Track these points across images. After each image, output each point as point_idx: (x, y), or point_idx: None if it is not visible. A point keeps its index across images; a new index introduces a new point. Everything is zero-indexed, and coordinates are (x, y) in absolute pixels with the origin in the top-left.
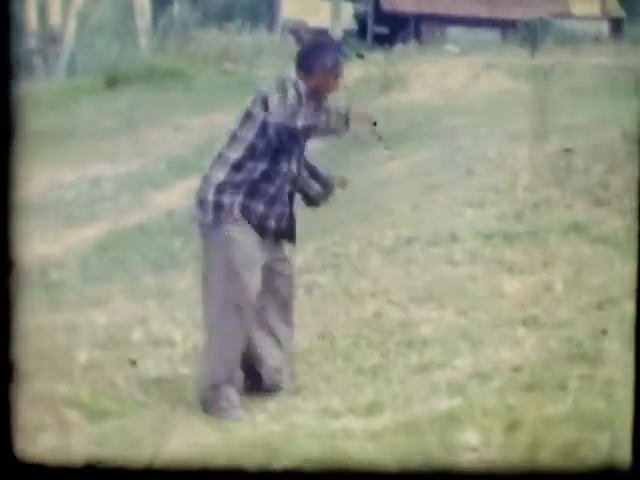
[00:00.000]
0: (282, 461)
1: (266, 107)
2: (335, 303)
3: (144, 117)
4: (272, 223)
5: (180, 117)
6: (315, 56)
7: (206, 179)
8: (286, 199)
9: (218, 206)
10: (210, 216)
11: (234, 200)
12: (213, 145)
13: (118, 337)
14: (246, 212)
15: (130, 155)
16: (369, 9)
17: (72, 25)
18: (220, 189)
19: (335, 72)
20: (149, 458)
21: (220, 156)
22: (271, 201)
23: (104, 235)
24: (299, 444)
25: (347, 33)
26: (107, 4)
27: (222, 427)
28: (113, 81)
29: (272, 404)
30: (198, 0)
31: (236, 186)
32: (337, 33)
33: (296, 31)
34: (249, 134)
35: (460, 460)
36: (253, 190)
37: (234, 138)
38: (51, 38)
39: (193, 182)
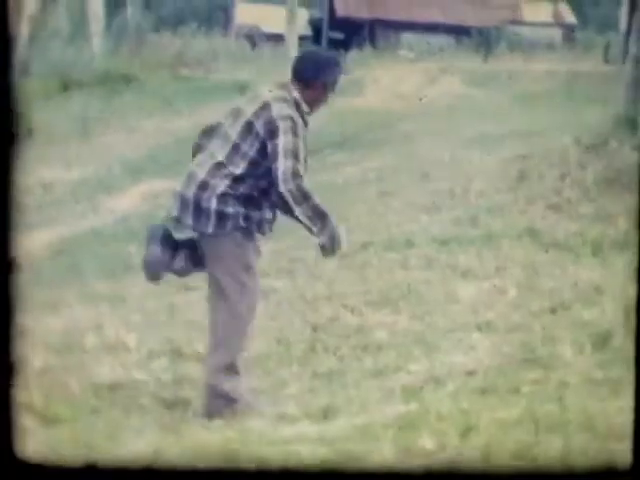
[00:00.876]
0: (237, 466)
1: (272, 138)
2: (291, 308)
3: (98, 121)
4: (267, 229)
5: (134, 121)
6: (318, 70)
7: (202, 185)
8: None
9: (222, 216)
10: (212, 224)
11: (238, 211)
12: (167, 149)
13: (72, 342)
14: (249, 221)
15: (84, 159)
16: (324, 15)
17: (25, 29)
18: (223, 200)
19: (333, 87)
20: (149, 458)
21: (220, 166)
22: (269, 210)
23: (58, 240)
24: (254, 449)
25: (302, 39)
26: (60, 9)
27: (177, 431)
28: (66, 85)
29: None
30: (152, 5)
31: (238, 198)
32: (292, 39)
33: (251, 36)
34: (251, 150)
35: (415, 465)
36: (254, 203)
37: (236, 150)
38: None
39: (147, 186)
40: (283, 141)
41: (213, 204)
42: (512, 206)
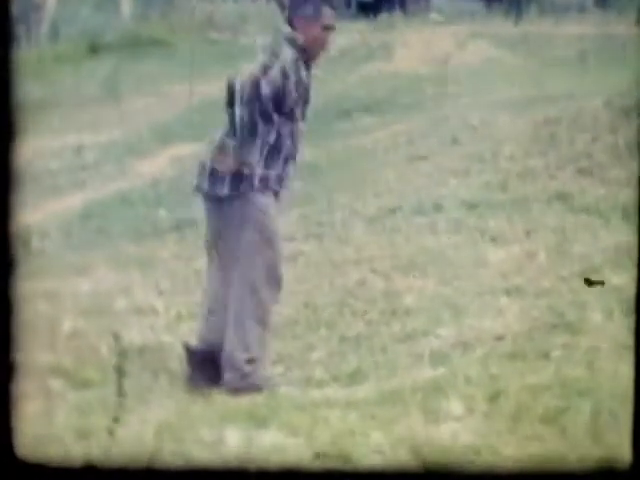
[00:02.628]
0: (266, 431)
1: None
2: (318, 271)
3: (127, 85)
4: (284, 186)
5: (163, 85)
6: (294, 6)
7: (219, 147)
8: (292, 158)
9: (237, 176)
10: (227, 186)
11: (253, 172)
12: (196, 113)
13: (101, 306)
14: (265, 181)
15: (113, 123)
16: None
17: None
18: (245, 156)
19: (319, 23)
20: (149, 457)
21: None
22: (283, 166)
23: (87, 204)
24: (282, 414)
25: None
26: None
27: (205, 397)
28: (95, 49)
29: None
30: None
31: (254, 155)
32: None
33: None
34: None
35: (443, 430)
36: (267, 160)
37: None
38: (33, 6)
39: (176, 150)
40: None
41: (209, 160)
42: (542, 170)
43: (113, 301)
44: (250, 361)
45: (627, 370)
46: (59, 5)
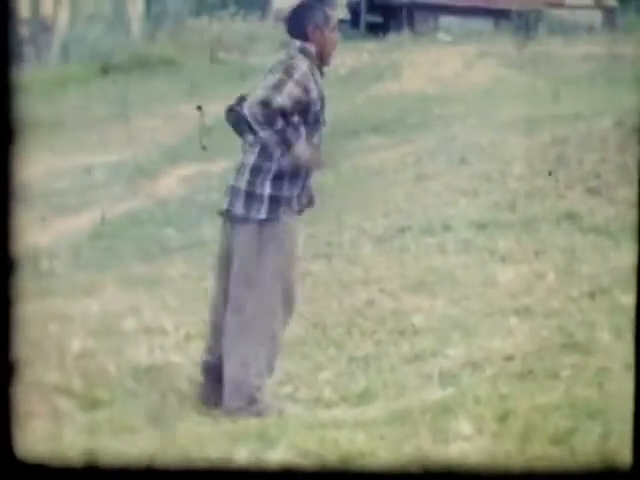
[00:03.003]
0: (275, 451)
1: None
2: (327, 291)
3: (136, 105)
4: (305, 208)
5: (172, 106)
6: (303, 18)
7: (253, 171)
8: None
9: (275, 199)
10: (264, 210)
11: (292, 193)
12: (205, 134)
13: (110, 326)
14: (295, 202)
15: (122, 143)
16: None
17: (64, 14)
18: (278, 182)
19: (329, 27)
20: (149, 457)
21: (265, 146)
22: (305, 180)
23: (96, 224)
24: (291, 434)
25: (340, 22)
26: None
27: (214, 417)
28: (105, 69)
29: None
30: None
31: (290, 179)
32: None
33: None
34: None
35: (452, 450)
36: (299, 180)
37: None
38: (43, 27)
39: (185, 170)
40: (268, 78)
41: (267, 189)
42: (551, 190)
43: (122, 321)
44: (258, 388)
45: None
46: (69, 26)
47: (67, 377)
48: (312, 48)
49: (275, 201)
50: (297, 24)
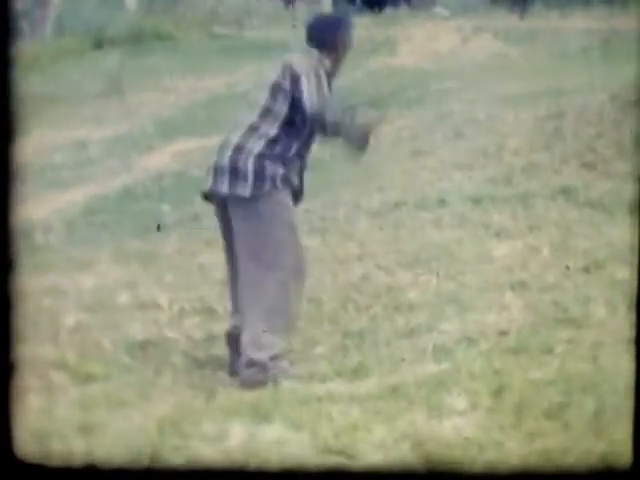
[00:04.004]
0: (269, 425)
1: (296, 85)
2: (322, 267)
3: (131, 80)
4: (301, 191)
5: (168, 80)
6: (333, 34)
7: (237, 149)
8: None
9: (260, 176)
10: (249, 186)
11: (276, 171)
12: (201, 108)
13: (104, 300)
14: (286, 182)
15: (117, 118)
16: None
17: None
18: (260, 161)
19: (349, 46)
20: (149, 458)
21: (254, 128)
22: (300, 172)
23: (91, 198)
24: (286, 408)
25: None
26: None
27: (209, 391)
28: (100, 44)
29: None
30: None
31: (275, 158)
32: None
33: None
34: (283, 108)
35: (446, 425)
36: (289, 164)
37: (268, 111)
38: (38, 2)
39: (180, 145)
40: (305, 81)
41: (250, 165)
42: (547, 165)
43: (116, 296)
44: (274, 358)
45: (630, 365)
46: (64, 0)
47: (61, 351)
48: (328, 61)
49: (259, 178)
50: (328, 36)
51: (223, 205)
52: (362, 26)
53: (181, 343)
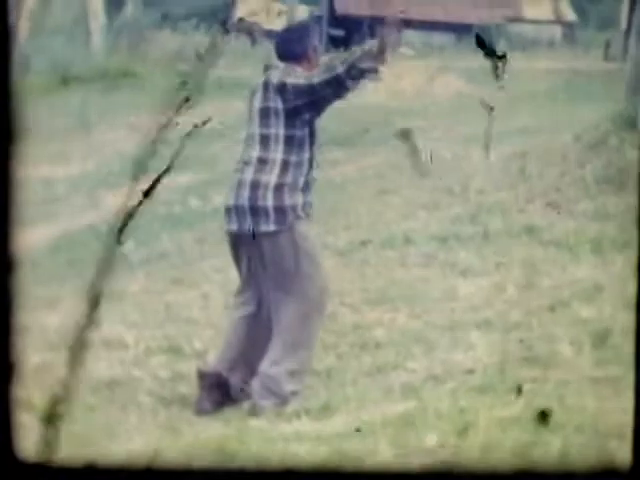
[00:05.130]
0: (235, 464)
1: (284, 87)
2: None
3: (97, 117)
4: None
5: (134, 117)
6: (305, 39)
7: (253, 186)
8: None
9: (281, 210)
10: (272, 222)
11: (296, 201)
12: (167, 145)
13: (70, 339)
14: (307, 208)
15: (83, 155)
16: (324, 12)
17: (25, 26)
18: (279, 192)
19: (321, 51)
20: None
21: (261, 160)
22: (308, 186)
23: (57, 236)
24: (252, 447)
25: None
26: (60, 5)
27: (175, 430)
28: (66, 81)
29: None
30: (153, 2)
31: (292, 187)
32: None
33: (251, 33)
34: (279, 129)
35: (414, 463)
36: (305, 184)
37: (266, 138)
38: None
39: (147, 183)
40: (292, 76)
41: (270, 200)
42: (511, 204)
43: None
44: (294, 393)
45: (595, 404)
46: (30, 37)
47: (26, 391)
48: (304, 71)
49: (280, 211)
50: (297, 46)
51: (248, 243)
52: None
53: (147, 382)
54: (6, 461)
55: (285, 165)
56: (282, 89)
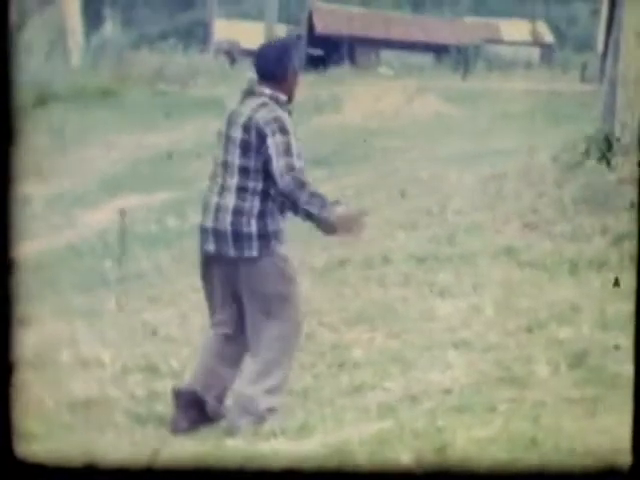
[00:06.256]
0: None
1: (263, 144)
2: None
3: (75, 136)
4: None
5: (111, 136)
6: (284, 63)
7: (236, 212)
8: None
9: (264, 236)
10: (256, 248)
11: (277, 227)
12: (144, 165)
13: (47, 357)
14: (284, 234)
15: (61, 173)
16: (303, 31)
17: None
18: (261, 220)
19: (299, 68)
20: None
21: (242, 189)
22: (283, 210)
23: (34, 254)
24: (229, 467)
25: None
26: (38, 23)
27: (150, 448)
28: (44, 99)
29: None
30: (131, 21)
31: (273, 213)
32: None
33: (229, 52)
34: (258, 164)
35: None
36: (283, 209)
37: (246, 170)
38: None
39: (124, 201)
40: (272, 143)
41: (253, 227)
42: (489, 224)
43: (58, 353)
44: (271, 410)
45: (571, 424)
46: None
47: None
48: (282, 94)
49: (264, 237)
50: (277, 66)
51: (225, 265)
52: (307, 84)
53: (123, 401)
54: (6, 461)
55: (265, 194)
56: (260, 140)
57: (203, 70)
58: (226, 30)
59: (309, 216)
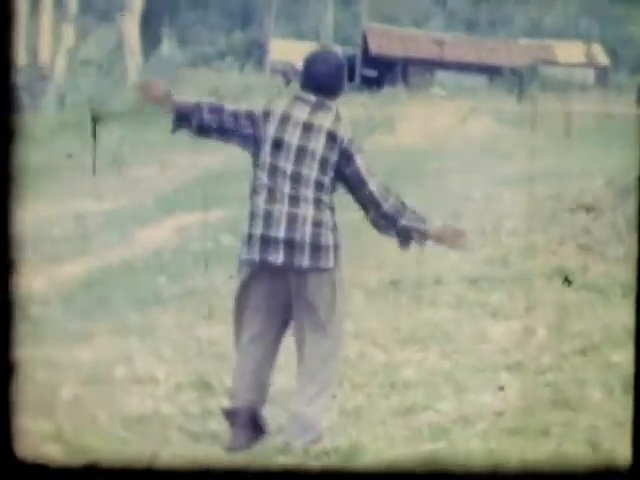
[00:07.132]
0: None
1: (350, 164)
2: None
3: (130, 154)
4: None
5: (166, 154)
6: (342, 76)
7: (314, 224)
8: None
9: (316, 248)
10: (307, 258)
11: (329, 240)
12: (199, 183)
13: (101, 374)
14: (337, 249)
15: (116, 191)
16: (357, 52)
17: (61, 62)
18: (317, 228)
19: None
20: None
21: (317, 201)
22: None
23: (89, 271)
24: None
25: None
26: (96, 42)
27: (205, 466)
28: (100, 117)
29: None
30: (188, 39)
31: (327, 224)
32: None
33: (285, 73)
34: (333, 179)
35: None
36: (334, 225)
37: (320, 184)
38: (39, 75)
39: (178, 220)
40: (362, 164)
41: (330, 239)
42: (543, 246)
43: (113, 370)
44: (327, 429)
45: (626, 448)
46: (66, 73)
47: (57, 424)
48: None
49: (337, 250)
50: (338, 82)
51: (278, 278)
52: (361, 104)
53: (177, 418)
54: (6, 461)
55: (333, 208)
56: (346, 159)
57: (259, 89)
58: (281, 50)
59: (408, 232)
